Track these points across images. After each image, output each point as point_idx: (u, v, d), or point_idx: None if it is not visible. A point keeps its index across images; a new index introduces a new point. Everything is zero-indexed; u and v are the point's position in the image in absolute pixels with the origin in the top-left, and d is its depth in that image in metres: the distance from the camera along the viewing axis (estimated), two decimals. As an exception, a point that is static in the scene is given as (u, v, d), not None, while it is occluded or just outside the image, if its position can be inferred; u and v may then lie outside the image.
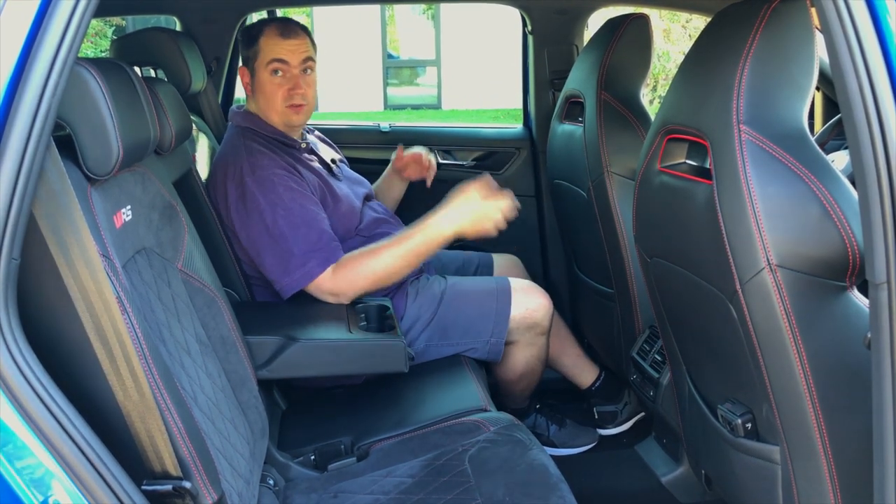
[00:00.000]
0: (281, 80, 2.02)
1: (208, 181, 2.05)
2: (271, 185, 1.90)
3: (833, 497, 1.30)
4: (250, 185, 1.90)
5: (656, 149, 1.50)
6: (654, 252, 1.58)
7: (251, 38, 2.05)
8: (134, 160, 1.28)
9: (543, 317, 2.09)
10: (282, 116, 2.04)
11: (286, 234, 1.87)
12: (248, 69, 2.06)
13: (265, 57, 2.02)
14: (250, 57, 2.05)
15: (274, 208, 1.88)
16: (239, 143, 2.00)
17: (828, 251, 1.18)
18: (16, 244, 0.92)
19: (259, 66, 2.03)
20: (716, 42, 1.35)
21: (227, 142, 2.06)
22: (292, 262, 1.87)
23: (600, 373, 2.43)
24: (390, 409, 1.84)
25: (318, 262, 1.87)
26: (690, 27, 9.08)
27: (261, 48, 2.03)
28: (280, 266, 1.88)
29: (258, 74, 2.04)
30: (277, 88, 2.02)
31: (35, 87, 0.89)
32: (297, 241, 1.87)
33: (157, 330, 1.26)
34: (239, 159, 1.94)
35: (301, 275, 1.87)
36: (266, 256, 1.90)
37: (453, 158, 3.05)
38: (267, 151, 1.98)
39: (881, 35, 0.97)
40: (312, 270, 1.87)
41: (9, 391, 0.91)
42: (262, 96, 2.05)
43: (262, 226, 1.88)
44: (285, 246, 1.87)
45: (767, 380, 1.30)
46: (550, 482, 1.45)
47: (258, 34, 2.04)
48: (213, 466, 1.14)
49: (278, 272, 1.89)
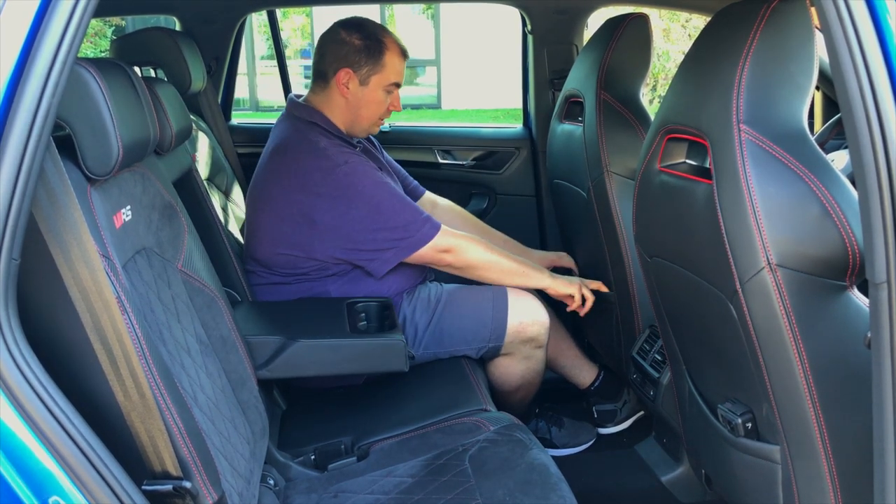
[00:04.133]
0: (387, 98, 2.06)
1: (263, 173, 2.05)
2: (364, 170, 1.96)
3: (833, 496, 1.30)
4: (347, 172, 1.93)
5: (656, 148, 1.50)
6: (654, 252, 1.58)
7: (375, 49, 2.02)
8: (134, 160, 1.28)
9: (539, 331, 2.08)
10: (369, 127, 2.10)
11: (395, 206, 1.95)
12: (358, 76, 2.02)
13: (389, 77, 2.04)
14: (370, 68, 2.02)
15: (378, 187, 1.95)
16: (312, 136, 2.00)
17: (828, 251, 1.18)
18: (16, 244, 0.91)
19: (377, 81, 2.03)
20: (716, 42, 1.35)
21: (294, 133, 2.03)
22: (408, 230, 1.95)
23: (599, 372, 2.43)
24: (390, 408, 1.84)
25: (431, 226, 1.97)
26: (690, 27, 9.08)
27: (386, 65, 2.03)
28: (391, 235, 1.95)
29: (371, 87, 2.03)
30: (382, 105, 2.06)
31: (35, 86, 0.89)
32: (408, 210, 1.96)
33: (157, 330, 1.26)
34: (321, 152, 1.95)
35: (419, 237, 1.96)
36: (375, 231, 1.94)
37: (453, 158, 3.05)
38: (343, 145, 2.01)
39: (881, 34, 0.97)
40: (428, 233, 1.96)
41: (9, 391, 0.91)
42: (361, 106, 2.05)
43: (370, 204, 1.92)
44: (398, 217, 1.95)
45: (767, 379, 1.30)
46: (550, 482, 1.45)
47: (382, 47, 2.02)
48: (213, 466, 1.14)
49: (390, 240, 1.95)
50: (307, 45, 13.36)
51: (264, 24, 3.55)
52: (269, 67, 12.32)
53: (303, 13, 12.98)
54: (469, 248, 2.02)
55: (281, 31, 3.34)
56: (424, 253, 1.97)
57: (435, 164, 3.03)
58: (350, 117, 2.05)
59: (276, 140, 2.06)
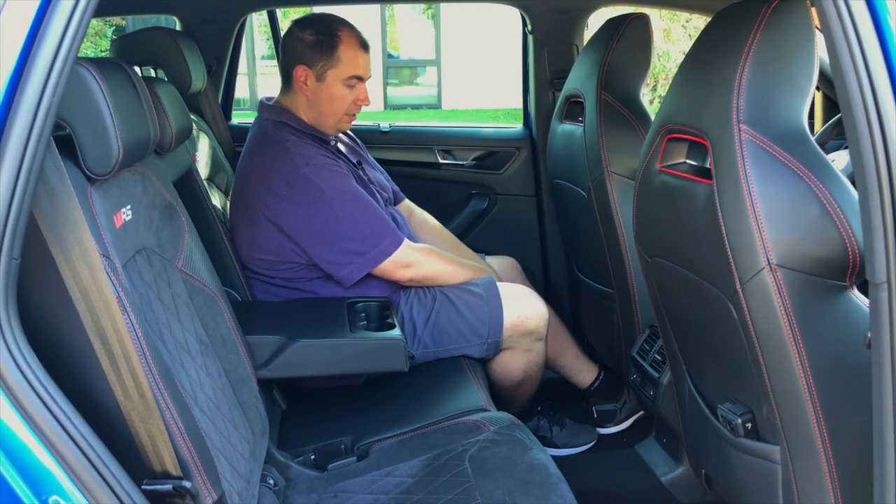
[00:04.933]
0: (351, 93, 2.02)
1: (238, 176, 2.03)
2: (329, 173, 1.92)
3: (833, 497, 1.30)
4: (308, 175, 1.90)
5: (656, 148, 1.50)
6: (655, 252, 1.58)
7: (327, 43, 1.98)
8: (134, 160, 1.28)
9: (538, 324, 2.08)
10: (337, 123, 2.06)
11: (356, 217, 1.91)
12: (314, 72, 1.99)
13: (345, 71, 1.99)
14: (323, 63, 1.98)
15: (339, 195, 1.91)
16: (280, 136, 1.98)
17: (828, 251, 1.18)
18: (16, 244, 0.91)
19: (334, 76, 1.99)
20: (716, 42, 1.35)
21: (262, 136, 2.02)
22: (365, 243, 1.91)
23: (599, 372, 2.43)
24: (390, 408, 1.84)
25: (392, 241, 1.94)
26: (690, 27, 9.08)
27: (340, 59, 1.98)
28: (348, 248, 1.91)
29: (328, 82, 1.99)
30: (345, 100, 2.02)
31: (35, 86, 0.89)
32: (368, 222, 1.92)
33: (157, 330, 1.26)
34: (286, 153, 1.93)
35: (376, 253, 1.93)
36: (332, 242, 1.91)
37: (453, 158, 3.05)
38: (311, 144, 1.98)
39: (881, 35, 0.97)
40: (388, 248, 1.93)
41: (9, 391, 0.91)
42: (322, 102, 2.01)
43: (328, 213, 1.89)
44: (356, 229, 1.91)
45: (767, 379, 1.30)
46: (550, 482, 1.45)
47: (336, 41, 1.98)
48: (213, 466, 1.14)
49: (347, 255, 1.91)
50: (307, 44, 13.34)
51: (264, 24, 3.55)
52: (269, 67, 12.32)
53: (303, 13, 12.97)
54: (428, 261, 2.04)
55: (281, 31, 3.34)
56: (385, 268, 1.96)
57: (435, 164, 3.03)
58: (314, 114, 2.03)
59: (247, 142, 2.07)
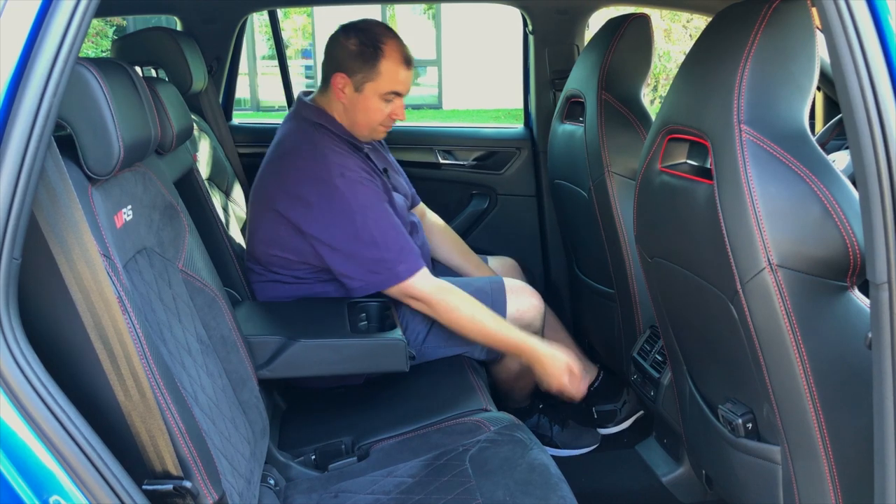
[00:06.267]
0: (387, 106, 1.98)
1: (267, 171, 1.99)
2: (362, 189, 1.90)
3: (833, 497, 1.30)
4: (340, 187, 1.87)
5: (657, 149, 1.50)
6: (655, 252, 1.58)
7: (370, 55, 1.92)
8: (135, 160, 1.28)
9: (535, 317, 2.09)
10: (371, 132, 2.02)
11: (376, 238, 1.88)
12: (353, 82, 1.94)
13: (384, 86, 1.94)
14: (364, 74, 1.93)
15: (364, 212, 1.88)
16: (317, 139, 1.95)
17: (828, 251, 1.18)
18: (16, 244, 0.92)
19: (372, 89, 1.94)
20: (717, 42, 1.35)
21: (299, 135, 1.98)
22: (379, 265, 1.89)
23: (599, 372, 2.43)
24: (391, 408, 1.84)
25: (407, 268, 1.90)
26: (691, 27, 9.08)
27: (381, 73, 1.93)
28: (363, 266, 1.89)
29: (365, 94, 1.95)
30: (380, 113, 1.98)
31: (36, 86, 0.89)
32: (387, 245, 1.89)
33: (157, 330, 1.26)
34: (323, 159, 1.90)
35: (388, 276, 1.89)
36: (348, 256, 1.89)
37: (454, 158, 3.05)
38: (348, 153, 1.96)
39: (882, 35, 0.97)
40: (401, 274, 1.89)
41: (9, 390, 0.91)
42: (357, 112, 1.97)
43: (349, 228, 1.87)
44: (374, 250, 1.88)
45: (768, 380, 1.30)
46: (551, 482, 1.45)
47: (379, 54, 1.92)
48: (213, 466, 1.14)
49: (361, 271, 1.89)
50: (308, 45, 13.37)
51: (265, 24, 3.56)
52: (270, 67, 12.34)
53: (304, 13, 12.98)
54: (448, 309, 1.91)
55: (282, 31, 3.34)
56: (393, 293, 1.93)
57: (436, 164, 3.03)
58: (349, 122, 2.01)
59: (280, 139, 2.04)
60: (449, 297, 1.92)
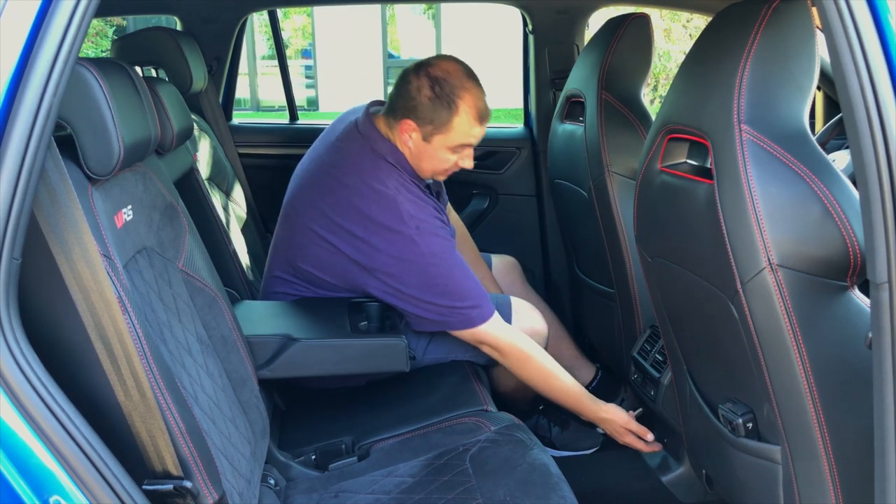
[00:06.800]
0: (454, 156, 1.90)
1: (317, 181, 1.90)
2: (435, 240, 1.84)
3: (834, 497, 1.30)
4: (412, 235, 1.81)
5: (657, 148, 1.50)
6: (656, 252, 1.58)
7: (444, 108, 1.82)
8: (135, 160, 1.28)
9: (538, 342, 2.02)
10: (433, 175, 1.95)
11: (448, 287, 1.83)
12: (421, 132, 1.84)
13: (455, 140, 1.86)
14: (434, 127, 1.84)
15: (437, 263, 1.83)
16: (388, 182, 1.85)
17: (829, 251, 1.18)
18: (17, 244, 0.92)
19: (441, 141, 1.86)
20: (717, 42, 1.35)
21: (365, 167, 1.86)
22: (453, 311, 1.85)
23: (597, 372, 2.43)
24: (391, 408, 1.84)
25: (480, 314, 1.86)
26: (691, 27, 9.08)
27: (453, 128, 1.84)
28: (432, 312, 1.85)
29: (433, 145, 1.86)
30: (446, 163, 1.90)
31: (36, 86, 0.89)
32: (460, 294, 1.84)
33: (157, 330, 1.26)
34: (395, 207, 1.82)
35: (460, 320, 1.86)
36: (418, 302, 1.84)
37: (454, 158, 3.04)
38: (422, 201, 1.89)
39: (882, 34, 0.97)
40: (474, 320, 1.86)
41: (9, 390, 0.91)
42: (422, 159, 1.89)
43: (422, 278, 1.82)
44: (447, 298, 1.84)
45: (768, 379, 1.30)
46: (551, 482, 1.45)
47: (454, 108, 1.82)
48: (214, 466, 1.14)
49: (431, 314, 1.85)
50: (308, 45, 13.36)
51: (265, 24, 3.56)
52: (270, 67, 12.34)
53: (304, 13, 12.98)
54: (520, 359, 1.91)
55: (282, 31, 3.34)
56: (464, 337, 1.89)
57: (436, 164, 3.02)
58: (415, 163, 1.91)
59: (340, 158, 1.91)
60: (522, 347, 1.91)
